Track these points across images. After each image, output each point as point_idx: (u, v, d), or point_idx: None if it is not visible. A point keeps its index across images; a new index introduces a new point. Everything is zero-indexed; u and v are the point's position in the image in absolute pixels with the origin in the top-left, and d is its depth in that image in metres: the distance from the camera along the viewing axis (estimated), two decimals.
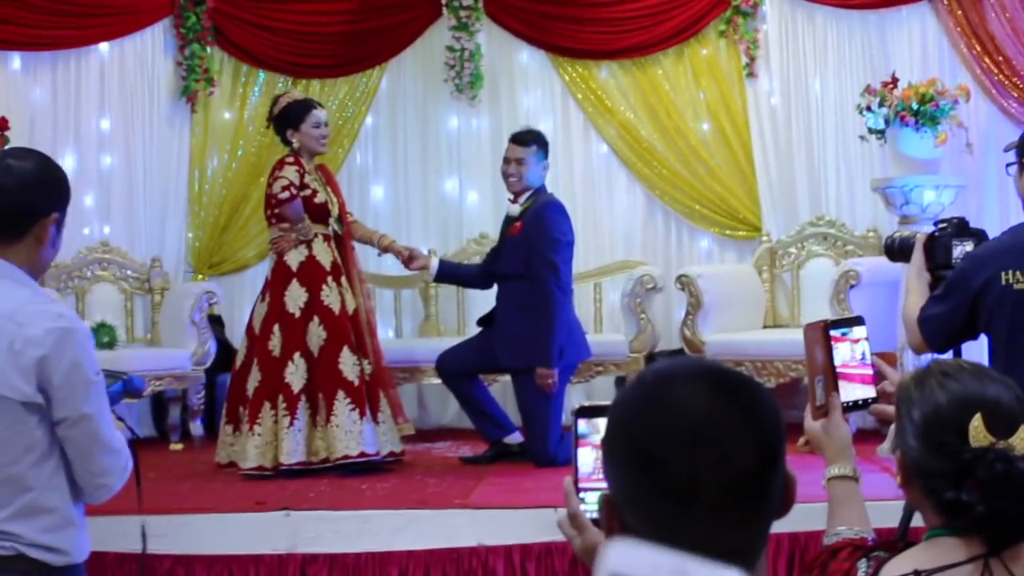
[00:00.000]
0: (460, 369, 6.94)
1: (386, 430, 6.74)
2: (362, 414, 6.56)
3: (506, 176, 6.89)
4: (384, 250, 7.16)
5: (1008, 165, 3.69)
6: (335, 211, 6.87)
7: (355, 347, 6.66)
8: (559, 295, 6.65)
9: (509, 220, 6.92)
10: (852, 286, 7.10)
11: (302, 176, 6.70)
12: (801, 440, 2.51)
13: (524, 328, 6.67)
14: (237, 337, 7.55)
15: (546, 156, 6.92)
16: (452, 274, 7.36)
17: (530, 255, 6.69)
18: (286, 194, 6.63)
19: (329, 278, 6.69)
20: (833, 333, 2.53)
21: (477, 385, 7.01)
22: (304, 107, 6.88)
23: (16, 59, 8.46)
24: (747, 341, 7.60)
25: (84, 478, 2.97)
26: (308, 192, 6.72)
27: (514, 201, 6.89)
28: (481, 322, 7.02)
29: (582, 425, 1.82)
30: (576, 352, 6.89)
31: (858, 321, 2.59)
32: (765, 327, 8.14)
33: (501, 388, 7.54)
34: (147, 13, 8.73)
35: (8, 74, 8.47)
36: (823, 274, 7.77)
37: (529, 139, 6.91)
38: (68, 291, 8.31)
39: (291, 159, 6.77)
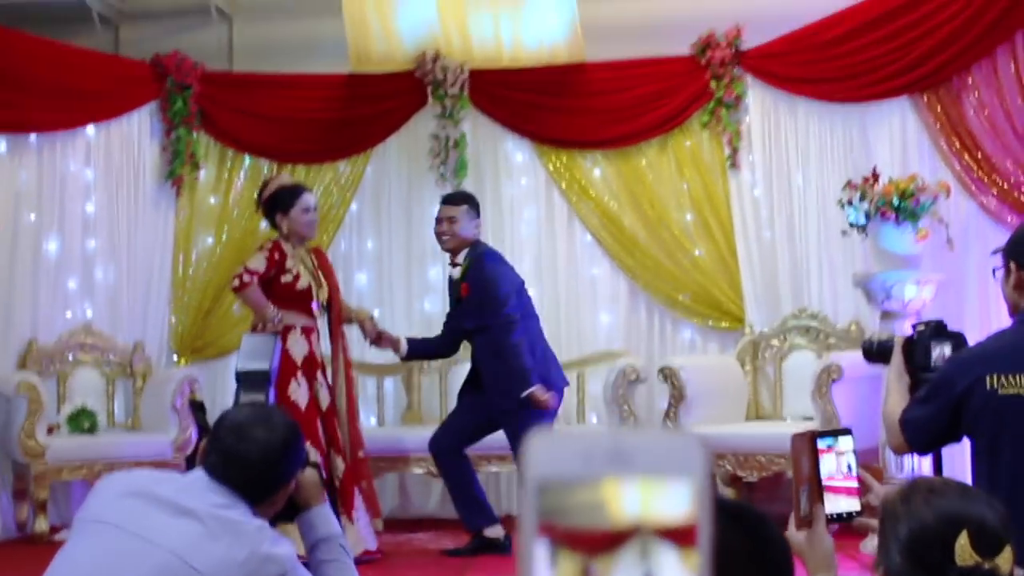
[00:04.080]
0: (453, 440, 6.92)
1: (362, 527, 6.64)
2: None
3: (439, 236, 6.99)
4: (354, 321, 7.01)
5: (995, 269, 3.69)
6: (323, 295, 6.79)
7: (321, 443, 6.51)
8: (516, 339, 6.72)
9: (454, 283, 7.02)
10: (834, 380, 7.09)
11: (279, 262, 6.59)
12: None
13: (507, 369, 6.73)
14: None
15: (478, 215, 7.06)
16: (422, 350, 7.37)
17: (484, 313, 6.78)
18: (236, 282, 6.55)
19: (299, 372, 6.54)
20: (820, 444, 2.55)
21: (466, 466, 6.98)
22: (294, 192, 6.79)
23: (1, 142, 8.31)
24: (730, 434, 7.54)
25: None
26: (289, 277, 6.61)
27: (452, 262, 6.98)
28: (464, 387, 7.04)
29: None
30: (558, 375, 6.96)
31: (845, 432, 2.60)
32: (748, 420, 8.10)
33: (485, 477, 7.50)
34: (133, 97, 8.78)
35: None
36: (806, 367, 7.75)
37: (459, 199, 7.10)
38: (50, 375, 8.25)
39: (269, 245, 6.67)
